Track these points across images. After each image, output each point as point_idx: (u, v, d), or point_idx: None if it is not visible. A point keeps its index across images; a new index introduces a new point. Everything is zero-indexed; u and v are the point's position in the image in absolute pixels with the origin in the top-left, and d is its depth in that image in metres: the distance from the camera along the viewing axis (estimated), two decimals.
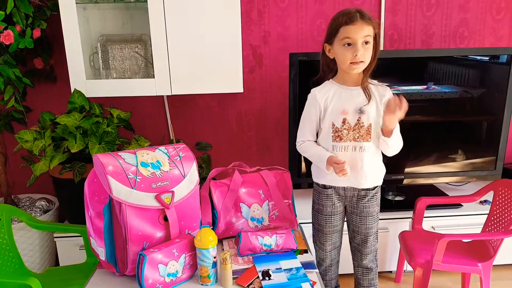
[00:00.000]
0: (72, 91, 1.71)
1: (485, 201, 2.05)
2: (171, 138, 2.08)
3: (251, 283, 1.16)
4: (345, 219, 1.56)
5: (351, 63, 1.32)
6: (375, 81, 1.43)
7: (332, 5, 2.12)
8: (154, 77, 1.79)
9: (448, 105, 1.99)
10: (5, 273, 1.39)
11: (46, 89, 2.09)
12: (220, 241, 1.40)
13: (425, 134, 2.04)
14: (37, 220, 1.52)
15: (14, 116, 1.84)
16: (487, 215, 1.79)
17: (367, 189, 1.43)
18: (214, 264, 1.16)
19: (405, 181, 2.05)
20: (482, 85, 1.98)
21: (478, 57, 1.96)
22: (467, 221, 1.98)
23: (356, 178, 1.42)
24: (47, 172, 1.64)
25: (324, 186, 1.49)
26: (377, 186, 1.47)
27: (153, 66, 1.79)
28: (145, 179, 1.18)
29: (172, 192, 1.21)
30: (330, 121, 1.40)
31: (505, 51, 1.95)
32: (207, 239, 1.15)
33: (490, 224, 1.76)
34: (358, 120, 1.37)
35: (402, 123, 1.36)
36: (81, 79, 1.74)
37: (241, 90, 1.84)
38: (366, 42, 1.30)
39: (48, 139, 1.54)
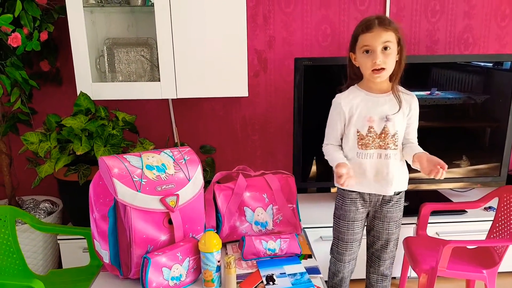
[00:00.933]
0: (78, 93, 1.71)
1: (489, 207, 2.03)
2: (176, 141, 2.07)
3: None
4: (365, 224, 1.54)
5: (372, 70, 1.31)
6: (400, 87, 1.41)
7: (337, 11, 2.12)
8: (159, 81, 1.79)
9: (451, 111, 1.98)
10: (8, 275, 1.38)
11: (52, 92, 2.10)
12: (223, 245, 1.38)
13: (429, 140, 2.01)
14: (41, 222, 1.52)
15: (20, 118, 1.84)
16: (491, 222, 1.77)
17: (392, 194, 1.42)
18: (218, 268, 1.15)
19: (409, 187, 2.03)
20: (486, 91, 1.97)
21: (482, 64, 1.95)
22: (472, 227, 1.96)
23: (381, 185, 1.41)
24: (52, 174, 1.64)
25: (350, 190, 1.47)
26: (401, 191, 1.46)
27: (158, 70, 1.80)
28: (150, 182, 1.17)
29: (177, 195, 1.20)
30: (355, 128, 1.38)
31: (509, 58, 1.94)
32: (211, 243, 1.14)
33: (495, 230, 1.74)
34: (384, 128, 1.36)
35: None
36: (87, 82, 1.74)
37: (246, 94, 1.84)
38: (386, 48, 1.28)
39: (53, 141, 1.54)
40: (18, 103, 1.70)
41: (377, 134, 1.36)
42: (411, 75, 1.93)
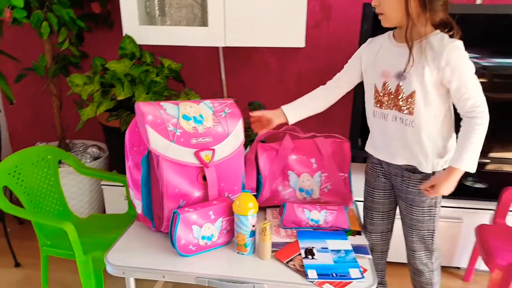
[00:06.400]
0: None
1: None
2: (224, 95, 2.01)
3: (291, 260, 1.09)
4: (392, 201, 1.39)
5: None
6: (440, 35, 1.13)
7: None
8: (207, 26, 1.70)
9: None
10: (48, 215, 1.46)
11: (103, 35, 2.12)
12: (263, 209, 1.36)
13: None
14: (83, 166, 1.57)
15: (71, 60, 1.88)
16: None
17: (413, 171, 1.24)
18: (253, 233, 1.11)
19: (489, 167, 1.80)
20: None
21: None
22: None
23: (388, 151, 1.27)
24: (97, 118, 1.67)
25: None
26: (427, 173, 1.23)
27: (207, 13, 1.70)
28: (185, 133, 1.14)
29: (213, 150, 1.16)
30: (372, 82, 1.24)
31: None
32: (246, 205, 1.09)
33: None
34: (397, 86, 1.17)
35: (492, 100, 1.10)
36: (134, 25, 1.71)
37: (303, 45, 1.70)
38: None
39: (97, 84, 1.55)
40: (66, 43, 1.73)
41: (392, 92, 1.18)
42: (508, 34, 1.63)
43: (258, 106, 1.92)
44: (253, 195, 1.36)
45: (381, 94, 1.21)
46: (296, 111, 1.36)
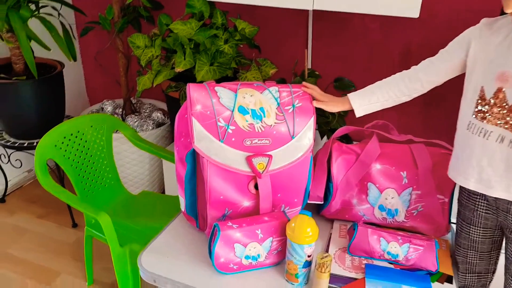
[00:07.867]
0: None
1: None
2: (306, 67, 1.78)
3: None
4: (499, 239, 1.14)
5: None
6: None
7: None
8: None
9: None
10: (100, 188, 1.47)
11: None
12: (330, 221, 1.21)
13: None
14: (139, 138, 1.54)
15: (140, 13, 1.79)
16: None
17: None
18: (307, 264, 0.97)
19: None
20: None
21: None
22: None
23: (481, 179, 1.00)
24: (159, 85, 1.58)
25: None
26: None
27: None
28: (238, 131, 1.00)
29: (269, 156, 1.01)
30: (478, 83, 0.99)
31: None
32: (302, 232, 0.94)
33: None
34: None
35: None
36: None
37: (416, 15, 1.39)
38: None
39: (157, 48, 1.45)
40: None
41: (507, 103, 0.94)
42: None
43: (348, 84, 1.66)
44: (320, 205, 1.20)
45: (490, 103, 0.96)
46: (364, 99, 1.14)
